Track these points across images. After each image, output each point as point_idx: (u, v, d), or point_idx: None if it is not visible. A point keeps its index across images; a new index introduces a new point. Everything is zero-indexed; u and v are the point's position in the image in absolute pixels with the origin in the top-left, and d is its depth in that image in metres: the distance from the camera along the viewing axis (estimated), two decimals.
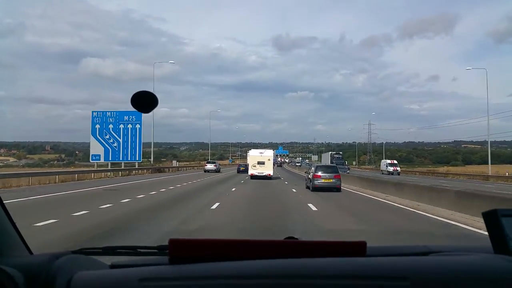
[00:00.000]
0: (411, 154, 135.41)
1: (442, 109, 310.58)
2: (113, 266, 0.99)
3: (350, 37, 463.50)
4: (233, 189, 17.31)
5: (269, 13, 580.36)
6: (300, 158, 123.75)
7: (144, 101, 1.23)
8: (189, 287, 0.78)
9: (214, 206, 10.53)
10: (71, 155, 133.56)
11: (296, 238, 1.02)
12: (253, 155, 29.02)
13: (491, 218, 0.93)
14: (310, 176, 17.88)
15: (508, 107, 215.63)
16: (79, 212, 8.63)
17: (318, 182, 16.67)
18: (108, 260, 1.02)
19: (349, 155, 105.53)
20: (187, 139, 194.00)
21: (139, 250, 1.13)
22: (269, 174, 27.77)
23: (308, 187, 18.09)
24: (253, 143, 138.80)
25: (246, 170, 39.88)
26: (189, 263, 0.85)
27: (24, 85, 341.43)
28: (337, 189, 16.66)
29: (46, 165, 52.29)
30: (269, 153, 29.62)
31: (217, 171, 40.93)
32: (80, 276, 0.82)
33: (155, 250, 1.11)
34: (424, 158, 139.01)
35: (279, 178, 30.00)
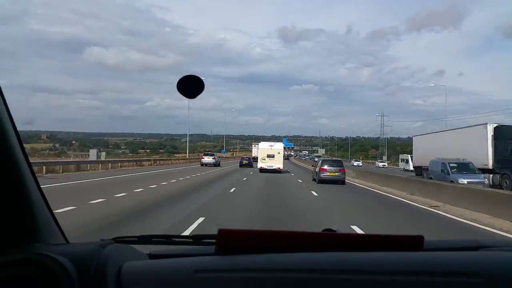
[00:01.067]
0: None
1: (448, 105, 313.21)
2: (152, 256, 1.03)
3: (356, 30, 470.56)
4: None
5: (275, 5, 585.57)
6: (306, 152, 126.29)
7: (190, 86, 1.23)
8: (244, 279, 0.80)
9: None
10: (65, 144, 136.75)
11: (334, 230, 1.04)
12: (263, 147, 30.01)
13: None
14: (316, 170, 20.24)
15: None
16: None
17: (324, 175, 18.96)
18: (143, 248, 1.08)
19: (356, 150, 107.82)
20: (190, 131, 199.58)
21: (174, 239, 1.18)
22: (279, 168, 28.67)
23: (314, 179, 20.44)
24: (255, 135, 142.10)
25: (249, 164, 38.68)
26: (238, 254, 0.87)
27: (25, 74, 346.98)
28: (342, 182, 18.94)
29: (36, 154, 53.09)
30: (279, 146, 30.41)
31: (215, 164, 37.80)
32: (129, 266, 0.86)
33: (191, 240, 1.18)
34: None
35: (287, 172, 30.77)
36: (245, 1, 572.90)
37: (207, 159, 38.17)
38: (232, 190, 13.75)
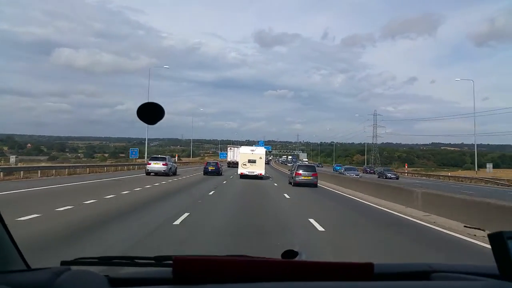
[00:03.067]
0: (411, 155, 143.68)
1: (418, 112, 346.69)
2: (112, 280, 1.12)
3: (332, 36, 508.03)
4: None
5: (251, 11, 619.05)
6: (287, 157, 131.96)
7: (150, 113, 1.39)
8: None
9: None
10: (22, 147, 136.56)
11: (296, 252, 1.28)
12: (244, 152, 31.59)
13: (497, 241, 1.02)
14: (292, 174, 24.30)
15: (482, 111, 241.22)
16: None
17: (299, 178, 23.10)
18: (104, 270, 1.18)
19: (339, 155, 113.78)
20: (161, 135, 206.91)
21: (136, 261, 1.29)
22: (261, 174, 30.29)
23: (290, 183, 24.45)
24: (229, 140, 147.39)
25: (216, 171, 34.16)
26: (194, 283, 0.98)
27: None
28: (314, 185, 23.10)
29: None
30: (261, 151, 32.12)
31: (168, 173, 29.43)
32: None
33: (152, 261, 1.28)
34: (427, 160, 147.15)
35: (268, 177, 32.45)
36: (221, 6, 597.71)
37: (155, 166, 29.39)
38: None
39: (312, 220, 9.83)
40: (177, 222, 8.85)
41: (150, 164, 30.13)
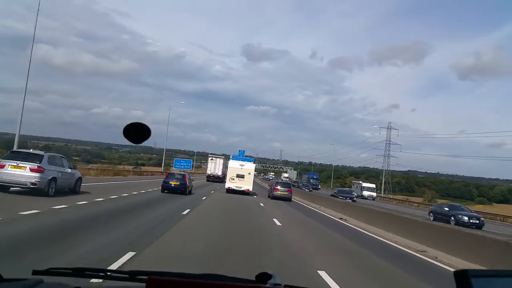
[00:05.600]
0: (410, 182, 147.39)
1: (390, 138, 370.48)
2: None
3: (320, 56, 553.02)
4: None
5: (239, 25, 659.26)
6: (273, 174, 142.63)
7: (136, 132, 1.65)
8: None
9: None
10: None
11: (270, 274, 1.49)
12: (233, 166, 34.46)
13: (462, 279, 1.18)
14: (271, 189, 32.53)
15: (458, 142, 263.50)
16: None
17: (276, 193, 31.16)
18: (75, 282, 1.26)
19: (328, 175, 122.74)
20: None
21: (109, 274, 1.46)
22: (248, 190, 33.08)
23: (269, 196, 32.54)
24: (206, 152, 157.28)
25: (182, 187, 25.29)
26: None
27: None
28: (289, 199, 31.10)
29: None
30: (250, 166, 35.00)
31: (45, 190, 15.82)
32: None
33: (126, 275, 1.44)
34: (428, 188, 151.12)
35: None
36: (210, 17, 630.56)
37: (11, 173, 15.61)
38: None
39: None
40: None
41: (2, 167, 15.80)
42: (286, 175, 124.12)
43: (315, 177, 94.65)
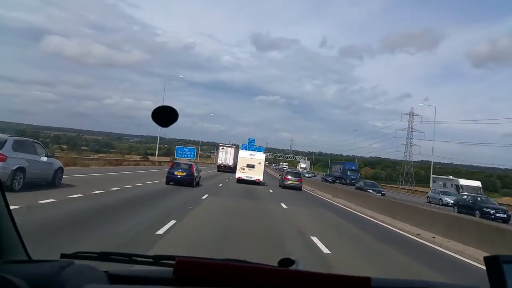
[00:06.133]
0: (428, 173, 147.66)
1: (400, 128, 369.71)
2: (111, 277, 1.34)
3: (330, 45, 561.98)
4: None
5: (249, 15, 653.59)
6: (286, 164, 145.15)
7: (164, 116, 1.75)
8: None
9: None
10: None
11: (293, 260, 1.52)
12: (243, 156, 35.75)
13: (493, 264, 1.21)
14: (282, 178, 34.88)
15: (470, 132, 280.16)
16: None
17: (287, 182, 33.78)
18: (102, 265, 1.37)
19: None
20: (146, 132, 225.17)
21: (134, 258, 1.51)
22: (258, 180, 34.61)
23: (280, 185, 35.04)
24: (214, 142, 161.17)
25: (189, 179, 23.93)
26: (195, 285, 1.18)
27: None
28: (299, 188, 33.72)
29: None
30: (260, 156, 36.24)
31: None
32: None
33: (151, 260, 1.50)
34: None
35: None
36: (219, 7, 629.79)
37: None
38: None
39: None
40: None
41: None
42: (303, 165, 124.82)
43: (353, 168, 73.65)
